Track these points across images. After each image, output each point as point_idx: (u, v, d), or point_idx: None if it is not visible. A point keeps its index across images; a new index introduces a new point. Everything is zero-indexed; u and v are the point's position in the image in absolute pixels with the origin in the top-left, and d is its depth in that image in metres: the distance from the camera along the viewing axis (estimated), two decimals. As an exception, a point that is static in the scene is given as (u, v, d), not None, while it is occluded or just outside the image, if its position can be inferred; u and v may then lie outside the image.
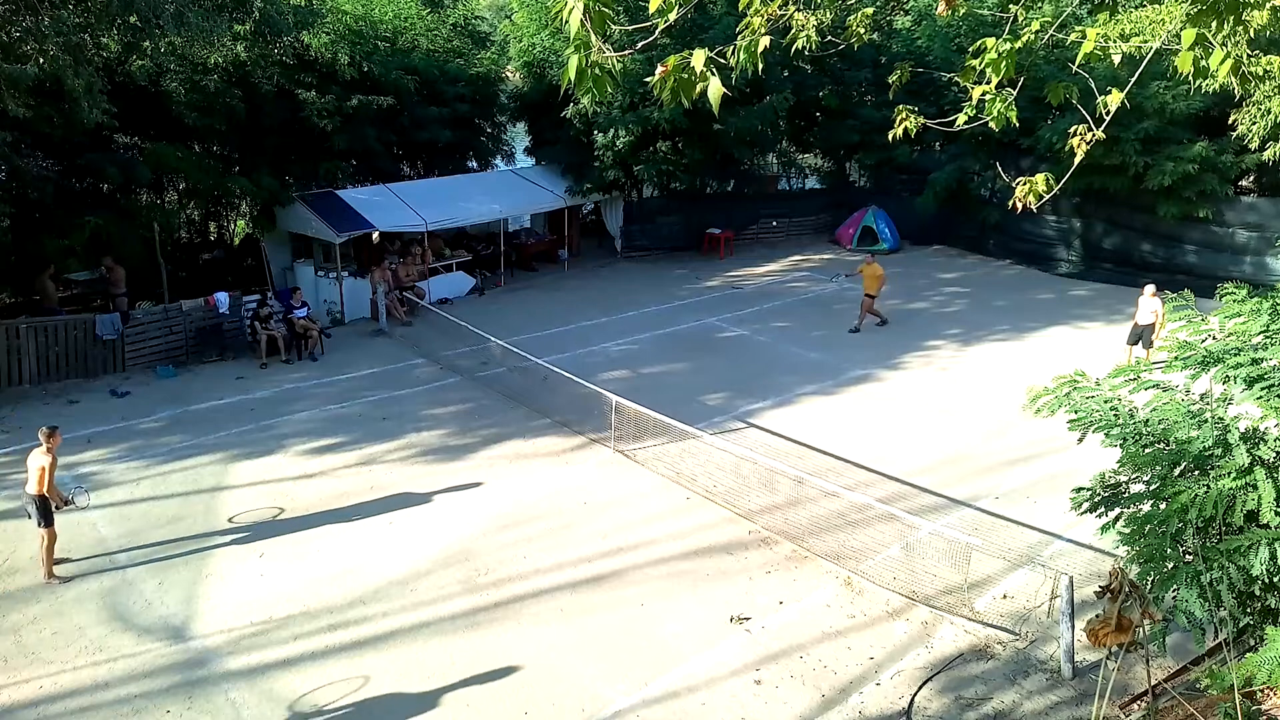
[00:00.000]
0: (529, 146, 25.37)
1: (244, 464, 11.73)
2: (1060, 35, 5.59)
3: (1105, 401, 6.26)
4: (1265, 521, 5.14)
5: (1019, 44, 4.71)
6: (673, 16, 3.98)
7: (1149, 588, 5.57)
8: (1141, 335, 14.87)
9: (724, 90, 3.82)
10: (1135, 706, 6.73)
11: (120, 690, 7.54)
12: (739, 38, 4.49)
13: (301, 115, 17.63)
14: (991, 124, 5.04)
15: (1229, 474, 5.32)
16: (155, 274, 16.37)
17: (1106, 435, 6.08)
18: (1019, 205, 5.11)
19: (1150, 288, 14.95)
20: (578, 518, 10.44)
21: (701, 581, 9.17)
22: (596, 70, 3.82)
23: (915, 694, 7.56)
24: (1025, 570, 9.20)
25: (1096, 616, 5.72)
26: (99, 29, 13.73)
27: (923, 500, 10.79)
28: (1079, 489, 6.26)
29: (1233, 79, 4.53)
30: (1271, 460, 5.36)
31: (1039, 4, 19.53)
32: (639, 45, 5.36)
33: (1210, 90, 14.63)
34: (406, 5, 21.08)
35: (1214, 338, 6.14)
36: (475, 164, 23.60)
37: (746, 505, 10.59)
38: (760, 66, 4.47)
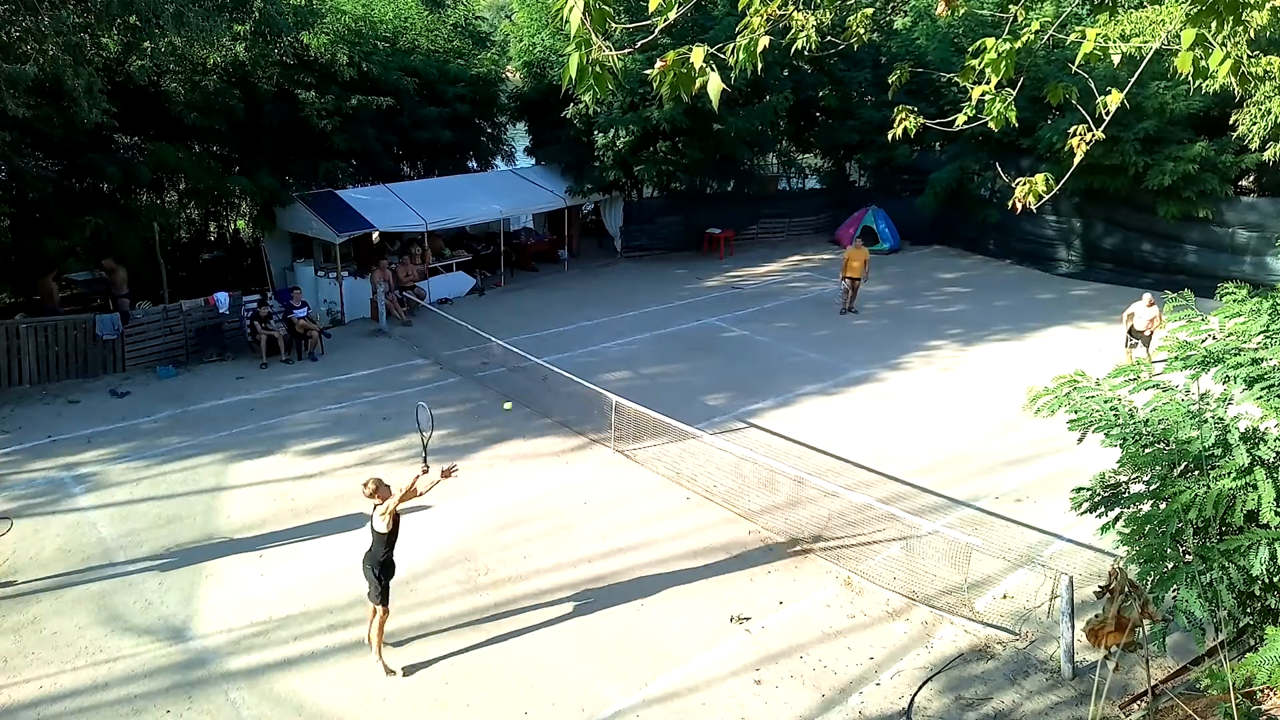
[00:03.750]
0: (529, 146, 25.37)
1: (244, 464, 11.73)
2: (1060, 35, 5.60)
3: (1105, 401, 6.26)
4: (1265, 521, 5.14)
5: (1018, 44, 4.71)
6: (672, 15, 3.98)
7: (1149, 588, 5.57)
8: (1138, 341, 14.90)
9: (724, 87, 3.82)
10: (1135, 706, 6.73)
11: (120, 690, 7.53)
12: (739, 37, 4.49)
13: (301, 115, 17.63)
14: (991, 124, 5.04)
15: (1229, 474, 5.32)
16: (155, 274, 16.37)
17: (1106, 435, 6.08)
18: (1019, 205, 5.11)
19: (1148, 296, 14.99)
20: (578, 518, 10.44)
21: (701, 581, 9.17)
22: (597, 68, 3.82)
23: (915, 694, 7.56)
24: (1025, 570, 9.20)
25: (1096, 616, 5.72)
26: (99, 29, 13.72)
27: (923, 500, 10.79)
28: (1079, 489, 6.26)
29: (1232, 79, 4.53)
30: (1271, 460, 5.36)
31: (1039, 4, 19.53)
32: (639, 44, 5.36)
33: (1210, 90, 14.64)
34: (406, 5, 21.09)
35: (1214, 338, 6.15)
36: (475, 164, 23.60)
37: (746, 505, 10.59)
38: (760, 66, 4.47)
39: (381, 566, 7.72)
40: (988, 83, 4.87)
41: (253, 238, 19.63)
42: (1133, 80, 6.11)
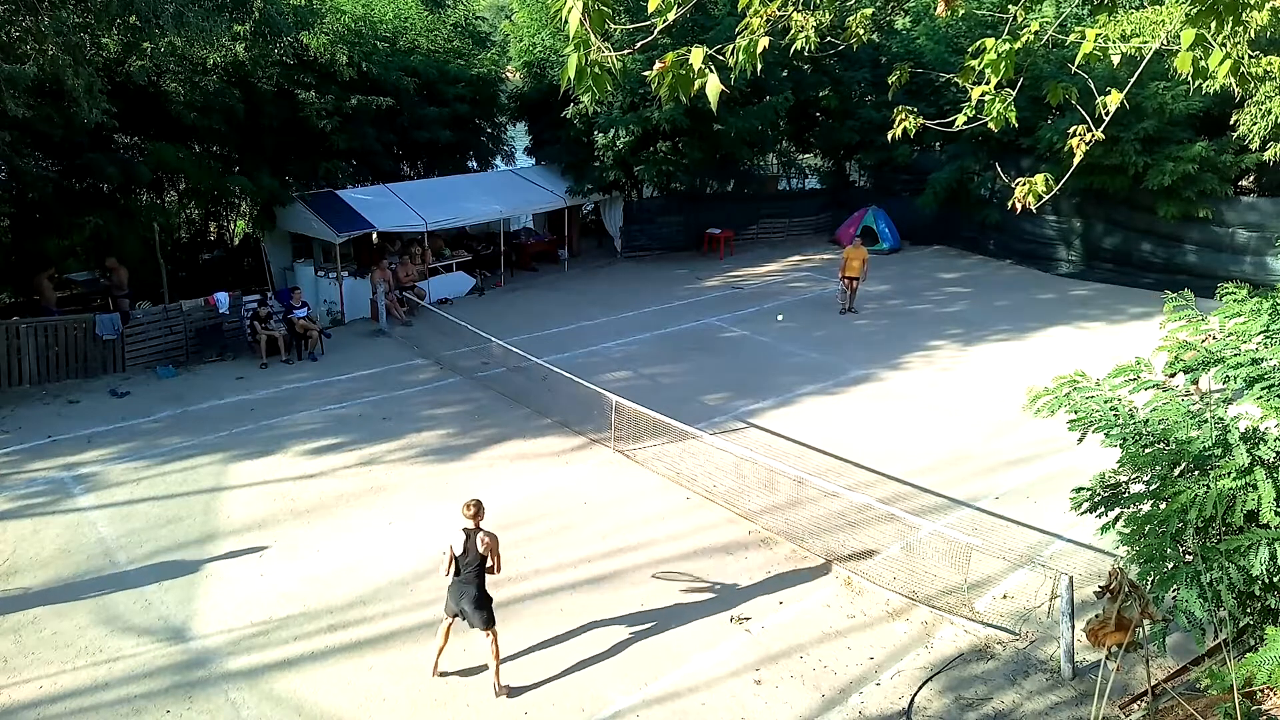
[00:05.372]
0: (529, 146, 25.38)
1: (244, 464, 11.73)
2: (1060, 35, 5.60)
3: (1105, 401, 6.26)
4: (1265, 521, 5.14)
5: (1018, 45, 4.71)
6: (672, 16, 3.98)
7: (1149, 588, 5.57)
8: None
9: (723, 88, 3.82)
10: (1135, 706, 6.73)
11: (120, 690, 7.54)
12: (738, 38, 4.49)
13: (301, 115, 17.64)
14: (991, 124, 5.04)
15: (1229, 474, 5.32)
16: (155, 274, 16.38)
17: (1106, 435, 6.08)
18: (1019, 205, 5.11)
19: None
20: (578, 518, 10.44)
21: (701, 581, 9.17)
22: (596, 69, 3.82)
23: (915, 694, 7.56)
24: (1025, 570, 9.20)
25: (1096, 616, 5.71)
26: (99, 29, 13.74)
27: (923, 500, 10.79)
28: (1079, 489, 6.26)
29: (1232, 80, 4.53)
30: (1271, 460, 5.36)
31: (1038, 4, 19.53)
32: (639, 45, 5.36)
33: (1210, 90, 14.64)
34: (406, 5, 21.10)
35: (1214, 338, 6.14)
36: (475, 164, 23.62)
37: (746, 505, 10.59)
38: (759, 67, 4.47)
39: (482, 590, 7.43)
40: (987, 83, 4.87)
41: (253, 238, 19.64)
42: (1133, 80, 6.11)
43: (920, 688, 7.63)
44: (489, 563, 7.45)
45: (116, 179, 15.98)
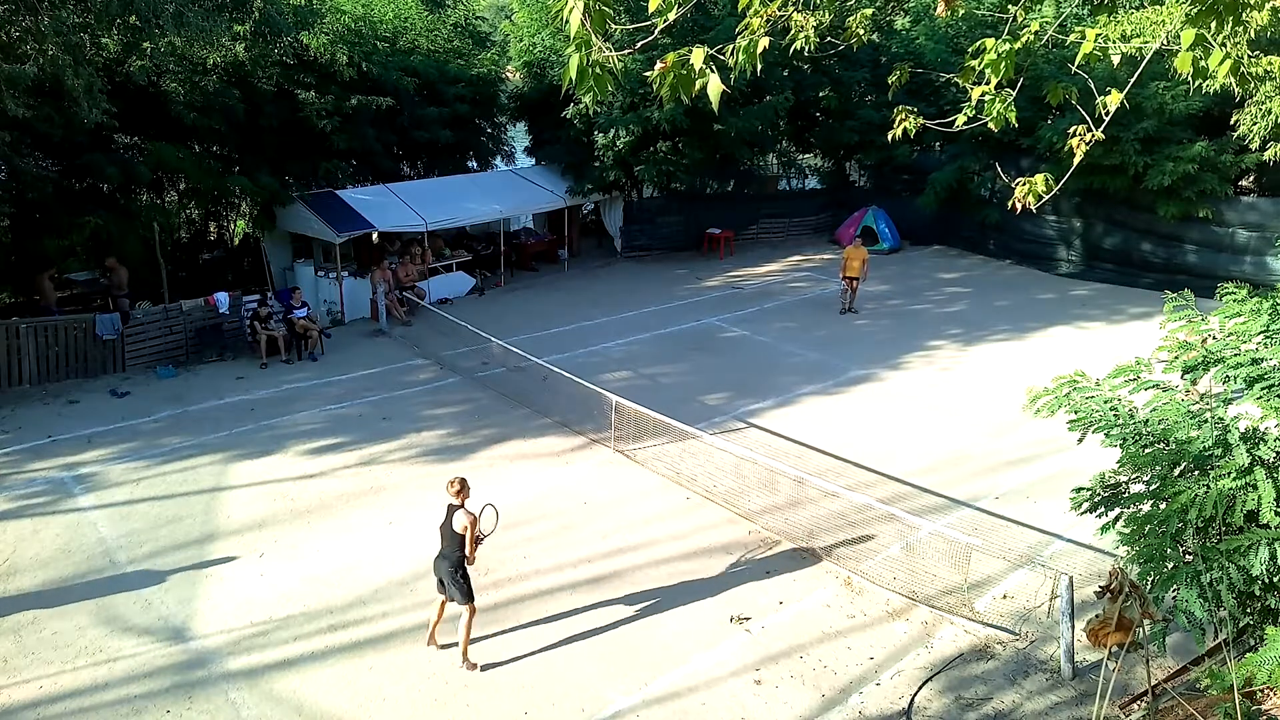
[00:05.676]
0: (529, 146, 25.39)
1: (244, 464, 11.73)
2: (1060, 35, 5.60)
3: (1105, 401, 6.26)
4: (1265, 521, 5.14)
5: (1018, 45, 4.71)
6: (672, 16, 3.98)
7: (1149, 588, 5.57)
8: None
9: (724, 88, 3.82)
10: (1135, 706, 6.73)
11: (120, 690, 7.54)
12: (738, 38, 4.49)
13: (301, 115, 17.64)
14: (991, 124, 5.04)
15: (1229, 474, 5.32)
16: (155, 274, 16.38)
17: (1106, 435, 6.08)
18: (1019, 205, 5.11)
19: None
20: (578, 518, 10.44)
21: (701, 581, 9.17)
22: (597, 69, 3.82)
23: (915, 694, 7.56)
24: (1025, 570, 9.20)
25: (1096, 616, 5.71)
26: (99, 29, 13.74)
27: (923, 500, 10.79)
28: (1079, 489, 6.26)
29: (1232, 80, 4.53)
30: (1271, 460, 5.36)
31: (1038, 4, 19.53)
32: (639, 45, 5.36)
33: (1210, 90, 14.63)
34: (406, 5, 21.10)
35: (1214, 338, 6.14)
36: (475, 164, 23.62)
37: (747, 505, 10.59)
38: (759, 67, 4.47)
39: (458, 566, 7.75)
40: (987, 83, 4.87)
41: (253, 238, 19.64)
42: (1133, 80, 6.11)
43: (920, 688, 7.63)
44: (465, 544, 7.69)
45: (116, 179, 15.98)
